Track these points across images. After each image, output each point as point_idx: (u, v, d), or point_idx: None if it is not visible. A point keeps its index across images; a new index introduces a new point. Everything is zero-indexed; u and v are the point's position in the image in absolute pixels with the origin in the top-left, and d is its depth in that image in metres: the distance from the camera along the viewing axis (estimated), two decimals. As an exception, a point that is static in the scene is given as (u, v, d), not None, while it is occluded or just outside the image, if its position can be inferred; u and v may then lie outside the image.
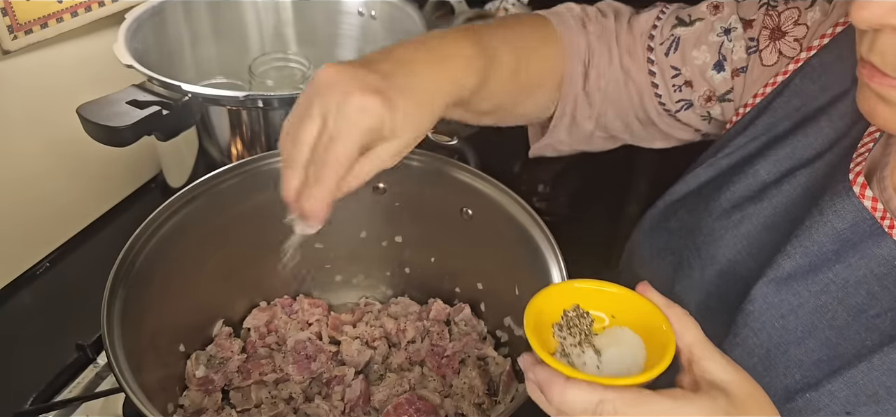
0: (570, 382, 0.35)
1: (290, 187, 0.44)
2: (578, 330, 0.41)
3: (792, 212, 0.48)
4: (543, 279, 0.61)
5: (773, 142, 0.52)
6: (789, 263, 0.46)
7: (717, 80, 0.58)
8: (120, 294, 0.56)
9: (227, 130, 0.79)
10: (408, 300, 0.79)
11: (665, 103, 0.61)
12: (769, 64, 0.55)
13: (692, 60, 0.58)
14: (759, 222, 0.50)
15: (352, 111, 0.41)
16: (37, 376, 0.74)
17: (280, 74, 0.92)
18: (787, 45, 0.54)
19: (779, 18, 0.55)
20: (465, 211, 0.71)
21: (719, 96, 0.58)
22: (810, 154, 0.49)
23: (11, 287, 0.87)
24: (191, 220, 0.65)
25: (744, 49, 0.56)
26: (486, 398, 0.68)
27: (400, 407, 0.64)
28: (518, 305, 0.69)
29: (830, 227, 0.45)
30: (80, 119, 0.68)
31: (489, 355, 0.71)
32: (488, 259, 0.72)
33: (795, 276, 0.45)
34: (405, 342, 0.73)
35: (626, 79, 0.61)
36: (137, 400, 0.48)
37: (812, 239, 0.45)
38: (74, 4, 0.85)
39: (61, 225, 0.94)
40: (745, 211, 0.51)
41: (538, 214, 0.65)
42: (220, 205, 0.68)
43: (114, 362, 0.51)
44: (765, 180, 0.51)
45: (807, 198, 0.48)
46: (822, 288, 0.44)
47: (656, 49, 0.60)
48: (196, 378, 0.66)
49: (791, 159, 0.50)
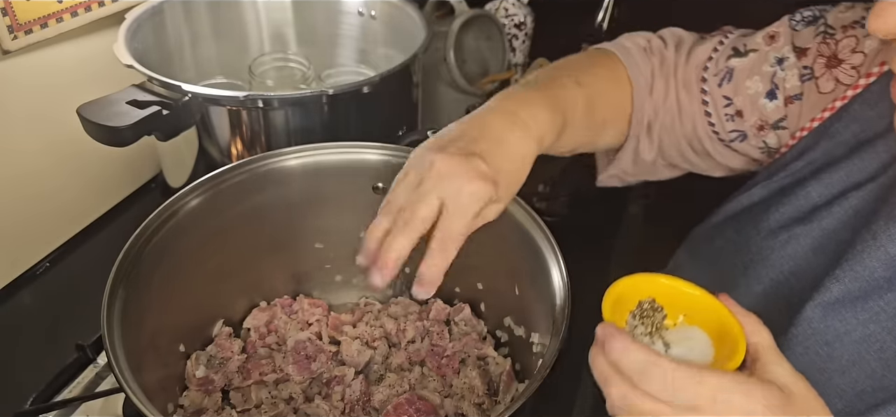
0: (632, 342, 0.36)
1: (400, 250, 0.48)
2: (651, 321, 0.42)
3: (841, 235, 0.47)
4: (544, 279, 0.61)
5: (828, 166, 0.51)
6: (838, 287, 0.45)
7: (769, 108, 0.58)
8: (120, 294, 0.56)
9: (227, 130, 0.79)
10: (408, 300, 0.79)
11: (719, 132, 0.61)
12: (826, 91, 0.54)
13: (744, 90, 0.58)
14: (807, 244, 0.49)
15: (467, 198, 0.48)
16: (37, 376, 0.74)
17: (280, 74, 0.92)
18: (844, 73, 0.53)
19: (836, 46, 0.54)
20: None
21: (772, 124, 0.58)
22: (863, 177, 0.49)
23: (11, 286, 0.87)
24: (191, 220, 0.65)
25: (797, 77, 0.56)
26: (486, 398, 0.68)
27: (400, 407, 0.64)
28: (518, 305, 0.70)
29: (884, 252, 0.43)
30: (80, 119, 0.68)
31: (489, 355, 0.71)
32: (488, 259, 0.72)
33: (844, 302, 0.44)
34: (405, 342, 0.73)
35: (680, 111, 0.62)
36: (137, 400, 0.48)
37: (863, 263, 0.44)
38: (74, 4, 0.85)
39: (61, 224, 0.94)
40: (793, 231, 0.50)
41: (538, 214, 0.65)
42: (220, 205, 0.68)
43: (114, 362, 0.51)
44: (815, 202, 0.50)
45: (858, 221, 0.47)
46: (871, 316, 0.43)
47: (710, 80, 0.60)
48: (196, 379, 0.66)
49: (844, 182, 0.50)
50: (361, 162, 0.73)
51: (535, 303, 0.65)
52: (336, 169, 0.73)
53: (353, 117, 0.81)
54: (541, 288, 0.62)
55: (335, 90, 0.77)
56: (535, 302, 0.65)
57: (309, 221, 0.75)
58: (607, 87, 0.62)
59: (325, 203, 0.74)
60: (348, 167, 0.73)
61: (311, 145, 0.72)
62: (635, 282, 0.43)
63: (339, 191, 0.74)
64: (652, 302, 0.42)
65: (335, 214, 0.75)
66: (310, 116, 0.78)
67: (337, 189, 0.74)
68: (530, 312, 0.67)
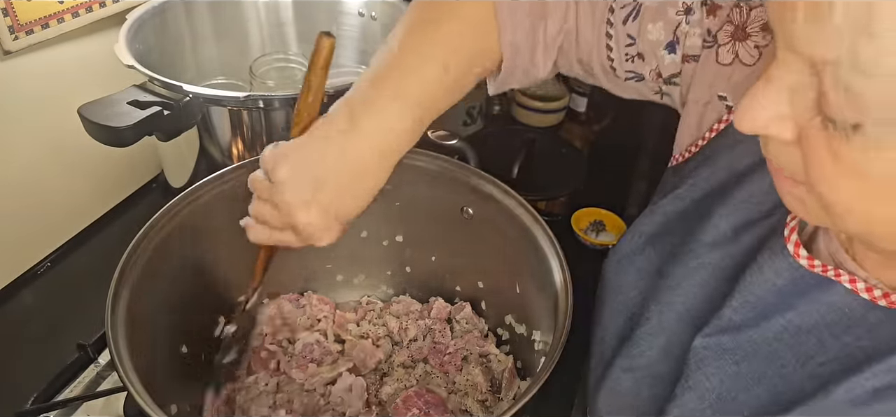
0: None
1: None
2: None
3: (745, 263, 0.48)
4: (545, 277, 0.61)
5: (734, 184, 0.50)
6: (736, 315, 0.46)
7: (667, 61, 0.55)
8: (123, 294, 0.56)
9: (227, 130, 0.79)
10: (409, 299, 0.79)
11: (616, 69, 0.58)
12: (724, 63, 0.51)
13: (646, 34, 0.55)
14: (717, 272, 0.49)
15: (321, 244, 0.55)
16: (38, 375, 0.74)
17: (281, 74, 0.93)
18: (745, 51, 0.50)
19: (747, 16, 0.50)
20: (466, 210, 0.72)
21: (666, 78, 0.56)
22: (768, 206, 0.48)
23: (12, 286, 0.87)
24: (195, 220, 0.65)
25: (699, 38, 0.53)
26: (489, 395, 0.68)
27: (409, 400, 0.64)
28: (519, 303, 0.70)
29: (771, 284, 0.44)
30: (81, 119, 0.68)
31: (491, 352, 0.71)
32: (489, 257, 0.72)
33: (747, 325, 0.45)
34: (407, 340, 0.73)
35: (578, 37, 0.58)
36: (140, 399, 0.48)
37: (755, 293, 0.45)
38: (75, 5, 0.85)
39: (62, 224, 0.94)
40: (703, 259, 0.50)
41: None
42: (224, 204, 0.67)
43: (117, 361, 0.51)
44: (724, 231, 0.50)
45: (758, 251, 0.47)
46: (775, 334, 0.44)
47: (617, 13, 0.56)
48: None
49: (748, 209, 0.49)
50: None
51: (536, 301, 0.65)
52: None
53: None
54: (542, 286, 0.62)
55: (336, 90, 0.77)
56: (536, 300, 0.65)
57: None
58: (477, 55, 0.56)
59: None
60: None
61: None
62: None
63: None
64: None
65: None
66: (310, 117, 0.78)
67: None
68: (531, 310, 0.67)
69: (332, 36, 0.53)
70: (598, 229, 1.04)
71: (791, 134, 0.33)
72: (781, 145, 0.35)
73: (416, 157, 0.72)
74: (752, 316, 0.45)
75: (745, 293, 0.45)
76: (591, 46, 0.58)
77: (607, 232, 1.04)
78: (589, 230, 1.03)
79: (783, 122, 0.33)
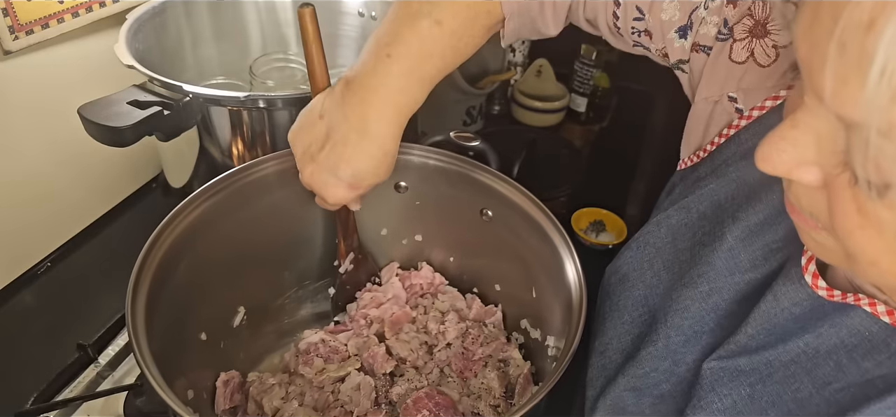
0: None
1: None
2: None
3: (760, 290, 0.46)
4: (560, 280, 0.61)
5: (745, 200, 0.48)
6: (751, 341, 0.45)
7: (676, 45, 0.53)
8: (143, 287, 0.56)
9: (228, 130, 0.79)
10: (456, 292, 0.78)
11: (623, 35, 0.56)
12: (738, 61, 0.49)
13: (658, 13, 0.52)
14: (729, 297, 0.48)
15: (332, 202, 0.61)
16: (38, 375, 0.74)
17: (281, 75, 0.93)
18: (761, 51, 0.48)
19: (769, 13, 0.48)
20: (486, 212, 0.71)
21: (673, 62, 0.54)
22: (782, 232, 0.46)
23: (12, 286, 0.87)
24: (213, 216, 0.65)
25: (714, 28, 0.50)
26: (502, 400, 0.67)
27: (419, 401, 0.64)
28: (535, 308, 0.69)
29: (788, 313, 0.43)
30: (82, 119, 0.68)
31: (512, 357, 0.70)
32: (507, 261, 0.71)
33: (764, 347, 0.44)
34: (443, 345, 0.71)
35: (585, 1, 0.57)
36: (152, 378, 0.48)
37: (771, 321, 0.44)
38: (75, 5, 0.85)
39: (62, 224, 0.94)
40: (715, 284, 0.48)
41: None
42: (242, 200, 0.67)
43: (135, 345, 0.51)
44: (737, 258, 0.47)
45: (773, 279, 0.46)
46: (792, 357, 0.43)
47: None
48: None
49: (762, 234, 0.47)
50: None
51: (551, 305, 0.65)
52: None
53: (354, 118, 0.81)
54: (557, 291, 0.62)
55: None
56: (551, 304, 0.65)
57: (330, 216, 0.74)
58: (478, 12, 0.56)
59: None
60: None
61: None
62: None
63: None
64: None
65: (357, 211, 0.75)
66: (310, 117, 0.78)
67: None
68: (546, 314, 0.67)
69: (310, 3, 0.56)
70: (598, 229, 1.04)
71: (816, 179, 0.32)
72: (805, 189, 0.33)
73: (437, 157, 0.71)
74: (769, 340, 0.44)
75: (761, 320, 0.44)
76: (597, 10, 0.57)
77: (607, 233, 1.04)
78: (589, 230, 1.03)
79: (808, 168, 0.32)
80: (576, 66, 1.32)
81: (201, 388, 0.65)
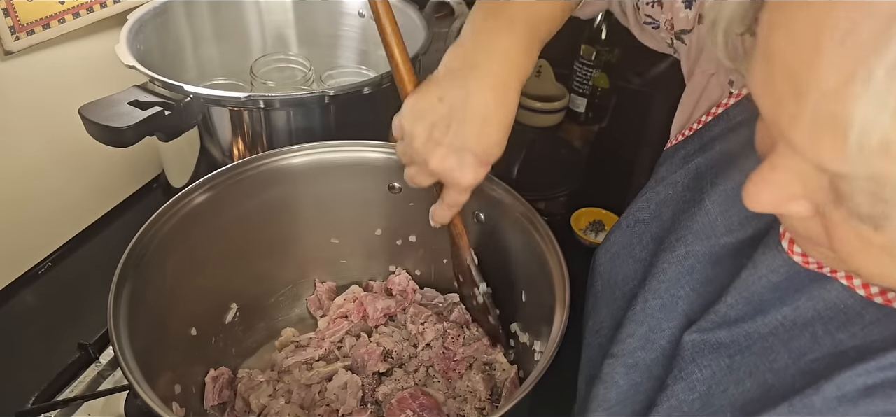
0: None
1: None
2: None
3: (742, 253, 0.47)
4: (549, 287, 0.61)
5: (725, 167, 0.49)
6: (731, 310, 0.45)
7: (681, 15, 0.54)
8: (127, 285, 0.56)
9: (228, 131, 0.79)
10: (433, 291, 0.79)
11: (640, 9, 0.58)
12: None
13: None
14: (704, 261, 0.48)
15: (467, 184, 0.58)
16: (38, 375, 0.75)
17: (281, 75, 0.93)
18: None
19: None
20: (478, 215, 0.72)
21: (677, 32, 0.55)
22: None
23: (13, 286, 0.88)
24: (201, 213, 0.65)
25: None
26: (487, 403, 0.67)
27: (404, 401, 0.64)
28: (524, 311, 0.70)
29: (766, 280, 0.44)
30: (82, 119, 0.69)
31: (497, 360, 0.71)
32: (497, 264, 0.72)
33: (743, 319, 0.45)
34: (423, 345, 0.72)
35: None
36: (144, 393, 0.48)
37: (750, 289, 0.44)
38: (76, 5, 0.85)
39: (63, 224, 0.94)
40: (691, 247, 0.49)
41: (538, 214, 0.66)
42: (232, 199, 0.68)
43: (116, 346, 0.51)
44: (715, 221, 0.48)
45: (755, 242, 0.46)
46: (770, 329, 0.43)
47: None
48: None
49: (739, 199, 0.46)
50: (370, 160, 0.74)
51: (539, 311, 0.65)
52: (345, 166, 0.73)
53: (354, 118, 0.81)
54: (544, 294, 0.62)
55: (336, 91, 0.78)
56: (539, 309, 0.65)
57: (325, 215, 0.75)
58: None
59: (337, 200, 0.75)
60: (359, 165, 0.74)
61: (324, 143, 0.72)
62: None
63: (352, 189, 0.75)
64: None
65: (351, 211, 0.76)
66: (311, 117, 0.79)
67: (350, 187, 0.74)
68: (535, 319, 0.67)
69: None
70: (597, 229, 1.04)
71: (807, 211, 0.31)
72: (800, 220, 0.33)
73: None
74: (748, 311, 0.45)
75: (741, 288, 0.45)
76: None
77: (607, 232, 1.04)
78: (588, 230, 1.03)
79: (797, 201, 0.31)
80: (575, 66, 1.32)
81: (190, 383, 0.66)
